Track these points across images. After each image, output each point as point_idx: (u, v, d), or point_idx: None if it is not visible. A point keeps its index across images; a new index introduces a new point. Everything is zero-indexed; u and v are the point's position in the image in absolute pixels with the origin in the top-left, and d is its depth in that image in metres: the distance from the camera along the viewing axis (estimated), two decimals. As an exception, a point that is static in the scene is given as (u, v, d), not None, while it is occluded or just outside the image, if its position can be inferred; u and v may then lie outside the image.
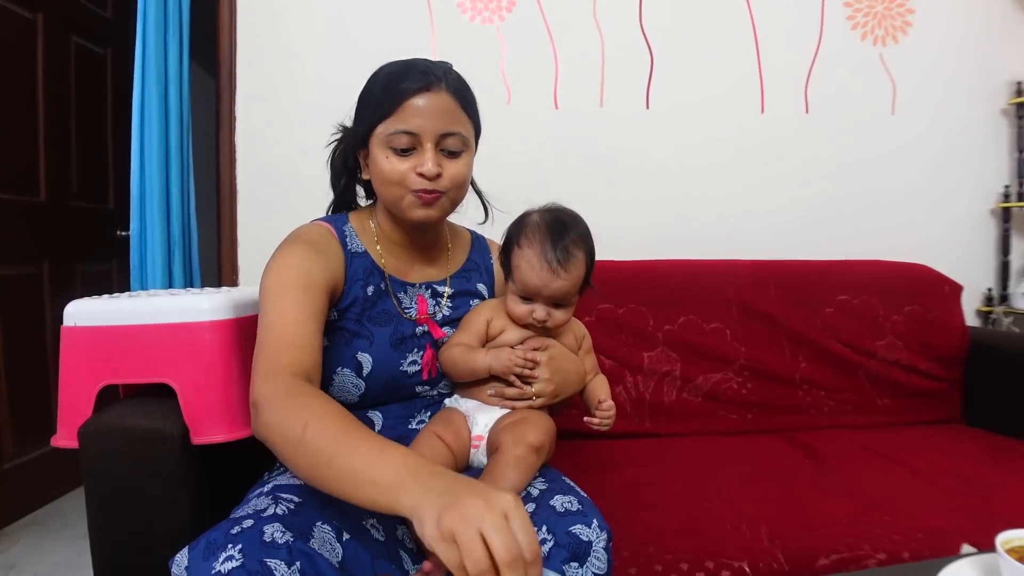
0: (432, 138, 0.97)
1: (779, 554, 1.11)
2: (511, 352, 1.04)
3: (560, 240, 1.04)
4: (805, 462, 1.50)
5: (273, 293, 0.93)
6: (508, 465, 0.94)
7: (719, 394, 1.77)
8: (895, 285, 1.93)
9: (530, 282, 1.04)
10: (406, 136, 0.97)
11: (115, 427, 1.02)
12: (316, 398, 0.80)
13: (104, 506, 1.03)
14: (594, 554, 0.85)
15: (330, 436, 0.74)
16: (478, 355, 1.05)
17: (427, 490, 0.64)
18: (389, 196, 1.01)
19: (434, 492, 0.64)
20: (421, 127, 0.96)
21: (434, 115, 0.97)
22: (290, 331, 0.89)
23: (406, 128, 0.96)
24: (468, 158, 1.03)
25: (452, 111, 0.99)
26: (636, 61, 2.11)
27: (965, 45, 2.25)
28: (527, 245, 1.05)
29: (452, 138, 0.99)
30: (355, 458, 0.71)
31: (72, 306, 1.09)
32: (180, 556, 0.75)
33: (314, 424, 0.75)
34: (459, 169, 1.01)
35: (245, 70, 1.99)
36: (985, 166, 2.30)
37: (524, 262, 1.05)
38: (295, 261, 0.96)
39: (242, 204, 1.99)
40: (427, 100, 0.97)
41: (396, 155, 0.98)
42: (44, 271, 2.34)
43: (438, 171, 0.97)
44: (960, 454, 1.56)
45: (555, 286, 1.04)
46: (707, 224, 2.16)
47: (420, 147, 0.97)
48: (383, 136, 0.98)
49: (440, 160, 0.98)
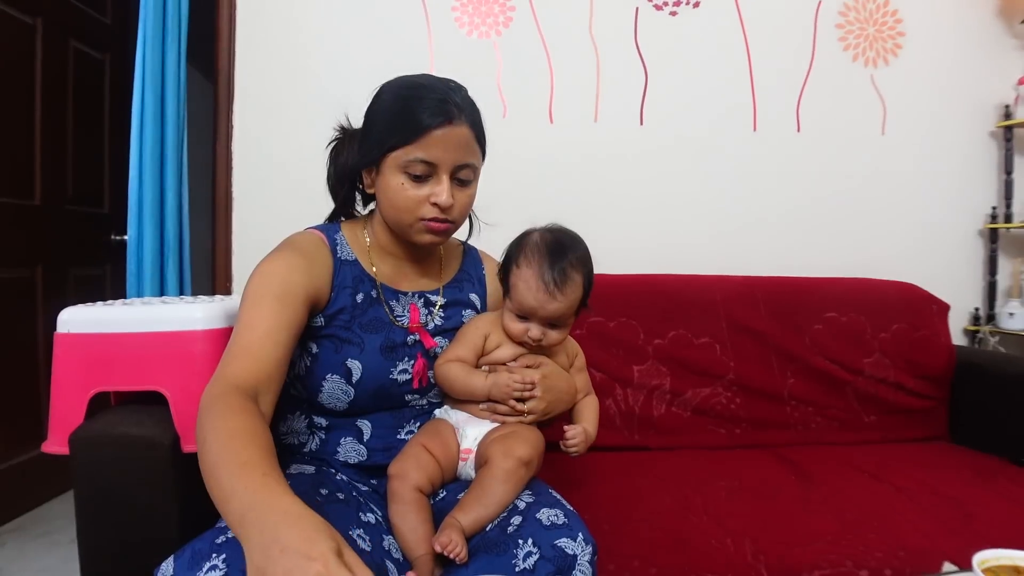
0: (448, 169, 1.00)
1: (763, 570, 1.12)
2: (509, 379, 1.04)
3: (558, 262, 1.04)
4: (791, 478, 1.51)
5: (250, 300, 0.94)
6: (496, 479, 0.95)
7: (708, 408, 1.78)
8: (883, 303, 1.95)
9: (526, 302, 1.05)
10: (424, 165, 0.99)
11: (106, 434, 1.03)
12: (231, 414, 0.78)
13: (94, 513, 1.04)
14: (579, 568, 0.86)
15: (214, 457, 0.72)
16: (477, 379, 1.05)
17: (252, 542, 0.63)
18: (398, 220, 1.03)
19: (258, 548, 0.62)
20: (440, 158, 0.99)
21: (453, 148, 0.99)
22: (252, 341, 0.89)
23: (426, 158, 0.98)
24: (475, 186, 1.06)
25: (469, 144, 1.02)
26: (631, 78, 2.13)
27: (955, 68, 2.29)
28: (525, 265, 1.06)
29: (466, 169, 1.02)
30: (217, 488, 0.70)
31: (66, 313, 1.09)
32: (166, 565, 0.76)
33: (209, 441, 0.74)
34: (467, 199, 1.04)
35: (243, 78, 2.00)
36: (973, 187, 2.33)
37: (522, 282, 1.05)
38: (277, 270, 0.97)
39: (238, 211, 2.00)
40: (447, 133, 0.99)
41: (411, 181, 1.00)
42: (37, 275, 2.34)
43: (452, 202, 1.00)
44: (944, 472, 1.57)
45: (551, 308, 1.04)
46: (698, 240, 2.17)
47: (435, 176, 1.00)
48: (400, 161, 0.99)
49: (452, 189, 1.01)
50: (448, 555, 0.87)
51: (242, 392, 0.82)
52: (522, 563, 0.84)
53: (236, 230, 2.00)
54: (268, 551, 0.60)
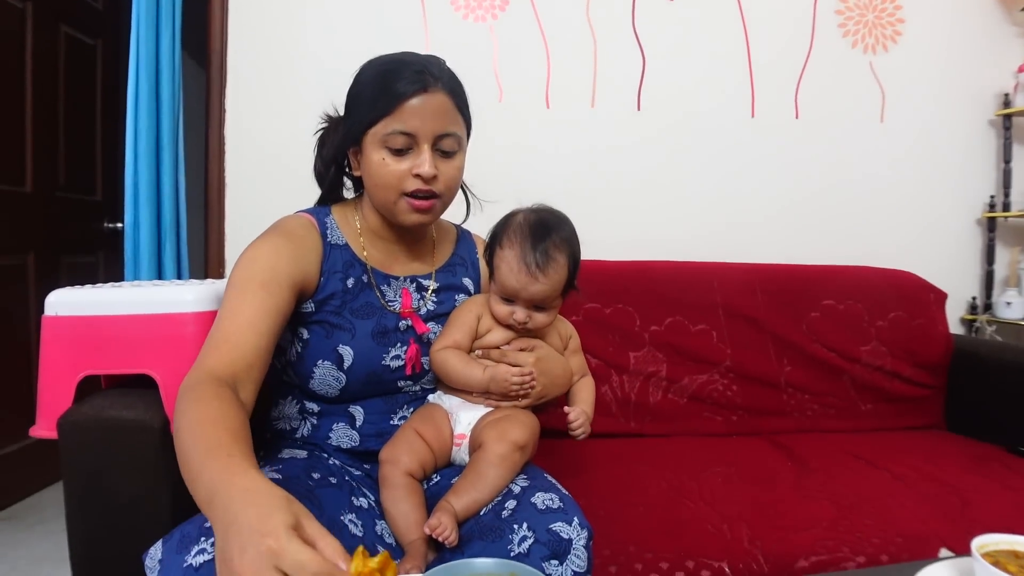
0: (429, 139, 0.97)
1: (759, 555, 1.11)
2: (508, 371, 1.03)
3: (541, 243, 1.03)
4: (787, 465, 1.51)
5: (234, 286, 0.93)
6: (491, 463, 0.94)
7: (704, 395, 1.78)
8: (880, 291, 1.95)
9: (509, 284, 1.03)
10: (403, 137, 0.96)
11: (95, 418, 1.01)
12: (203, 401, 0.77)
13: (82, 497, 1.03)
14: (574, 552, 0.85)
15: (183, 444, 0.72)
16: (475, 371, 1.04)
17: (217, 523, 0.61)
18: (382, 198, 1.00)
19: (221, 528, 0.61)
20: (418, 128, 0.96)
21: (432, 116, 0.97)
22: (232, 330, 0.87)
23: (403, 129, 0.96)
24: (461, 158, 1.03)
25: (448, 111, 0.99)
26: (628, 62, 2.11)
27: (954, 56, 2.27)
28: (508, 246, 1.04)
29: (448, 139, 0.99)
30: (187, 474, 0.69)
31: (54, 295, 1.08)
32: (154, 549, 0.75)
33: (181, 429, 0.74)
34: (453, 171, 1.01)
35: (236, 63, 1.98)
36: (972, 176, 2.33)
37: (504, 263, 1.04)
38: (263, 255, 0.96)
39: (230, 196, 1.98)
40: (424, 101, 0.96)
41: (392, 155, 0.97)
42: (29, 262, 2.32)
43: (435, 172, 0.97)
44: (940, 459, 1.57)
45: (533, 289, 1.03)
46: (695, 226, 2.16)
47: (416, 148, 0.97)
48: (379, 136, 0.97)
49: (436, 161, 0.98)
50: (437, 538, 0.86)
51: (219, 381, 0.80)
52: (517, 547, 0.83)
53: (229, 215, 1.98)
54: (227, 531, 0.59)
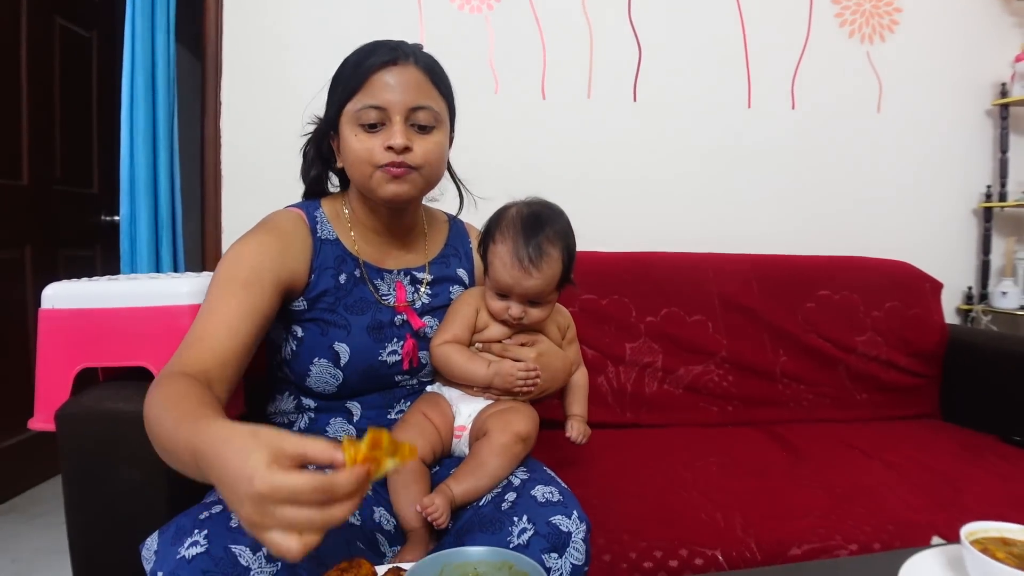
0: (401, 111, 0.95)
1: (752, 543, 1.12)
2: (513, 367, 1.02)
3: (534, 237, 1.01)
4: (782, 454, 1.52)
5: (216, 284, 0.92)
6: (494, 452, 0.95)
7: (700, 386, 1.79)
8: (876, 282, 1.95)
9: (502, 280, 1.02)
10: (375, 111, 0.94)
11: (92, 410, 1.02)
12: (172, 384, 0.76)
13: (80, 489, 1.03)
14: (573, 545, 0.85)
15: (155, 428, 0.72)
16: (478, 367, 1.03)
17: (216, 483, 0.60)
18: (359, 175, 0.98)
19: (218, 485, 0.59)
20: (389, 101, 0.94)
21: (402, 89, 0.95)
22: (208, 330, 0.87)
23: (374, 103, 0.94)
24: (440, 136, 1.00)
25: (422, 85, 0.97)
26: (624, 54, 2.11)
27: (951, 45, 2.27)
28: (501, 241, 1.03)
29: (422, 112, 0.96)
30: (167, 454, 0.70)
31: (51, 288, 1.08)
32: (150, 540, 0.76)
33: (150, 417, 0.73)
34: (431, 146, 0.97)
35: (231, 55, 1.97)
36: (969, 166, 2.33)
37: (497, 259, 1.03)
38: (248, 253, 0.95)
39: (226, 189, 1.98)
40: (395, 74, 0.95)
41: (365, 131, 0.95)
42: (26, 256, 2.32)
43: (406, 143, 0.94)
44: (935, 449, 1.59)
45: (527, 285, 1.01)
46: (691, 217, 2.16)
47: (389, 122, 0.95)
48: (352, 113, 0.96)
49: (410, 135, 0.95)
50: (427, 518, 0.86)
51: (190, 376, 0.79)
52: (516, 539, 0.84)
53: (225, 207, 1.98)
54: (221, 487, 0.58)
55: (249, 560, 0.71)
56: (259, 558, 0.71)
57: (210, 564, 0.69)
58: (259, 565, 0.71)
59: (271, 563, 0.72)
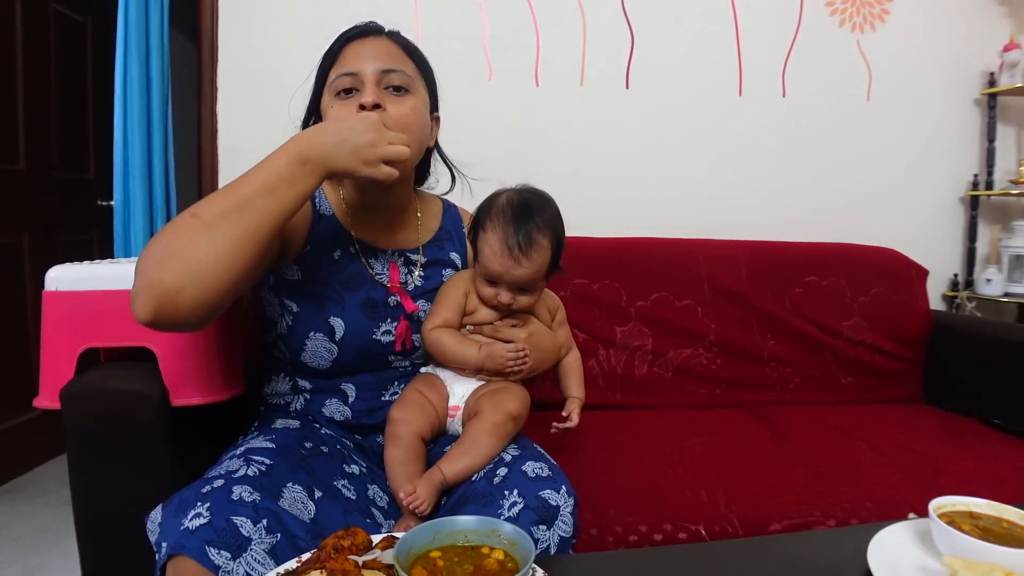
0: (372, 76, 0.98)
1: (734, 519, 1.16)
2: (504, 349, 1.05)
3: (523, 225, 1.03)
4: (767, 435, 1.56)
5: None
6: (485, 431, 0.98)
7: (689, 369, 1.82)
8: (863, 268, 1.99)
9: (492, 268, 1.04)
10: (347, 77, 0.99)
11: (96, 388, 1.04)
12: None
13: (85, 465, 1.06)
14: (561, 518, 0.89)
15: (220, 194, 0.81)
16: (469, 350, 1.05)
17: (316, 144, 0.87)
18: None
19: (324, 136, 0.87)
20: (360, 67, 0.98)
21: (373, 55, 0.99)
22: None
23: (346, 70, 0.99)
24: (415, 101, 1.01)
25: (392, 52, 1.02)
26: (617, 41, 2.12)
27: (941, 35, 2.29)
28: (491, 229, 1.04)
29: (394, 74, 0.99)
30: (249, 183, 0.82)
31: (54, 271, 1.10)
32: (155, 513, 0.79)
33: (199, 204, 0.80)
34: (406, 109, 0.99)
35: (227, 41, 1.98)
36: (956, 154, 2.36)
37: (487, 247, 1.04)
38: None
39: (223, 174, 2.00)
40: (365, 43, 1.01)
41: (340, 99, 0.99)
42: (24, 240, 2.34)
43: (377, 101, 0.96)
44: (916, 431, 1.63)
45: (516, 273, 1.03)
46: (682, 203, 2.19)
47: (362, 87, 0.99)
48: (329, 85, 1.01)
49: (383, 96, 0.98)
50: (408, 506, 0.90)
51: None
52: (507, 512, 0.87)
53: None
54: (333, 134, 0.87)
55: (250, 531, 0.74)
56: (259, 529, 0.74)
57: (212, 534, 0.72)
58: (259, 536, 0.74)
59: (271, 534, 0.75)
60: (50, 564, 1.76)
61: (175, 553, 0.72)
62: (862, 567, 0.75)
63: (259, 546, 0.74)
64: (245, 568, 0.72)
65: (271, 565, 0.74)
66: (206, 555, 0.71)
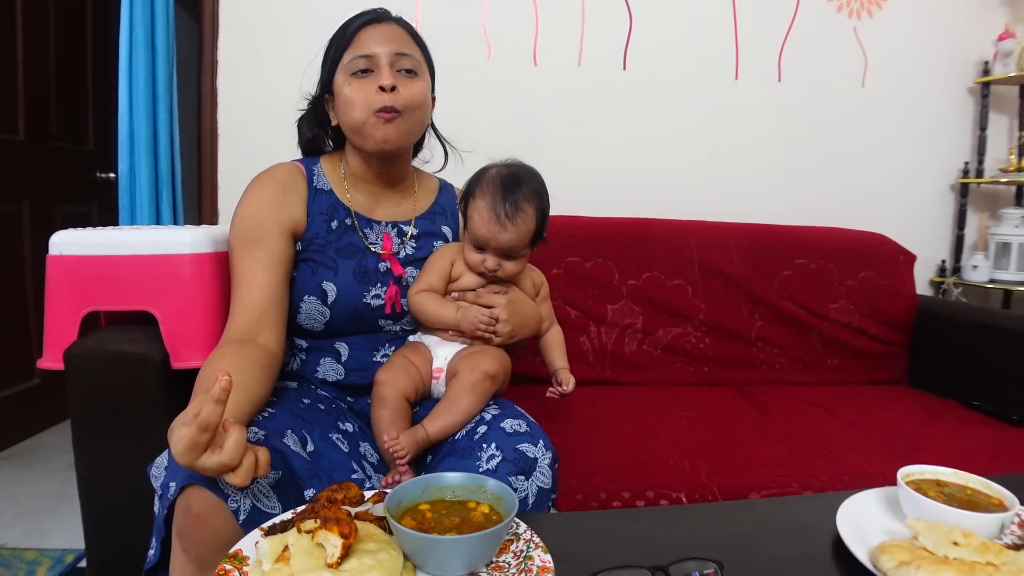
0: (387, 57, 1.06)
1: (715, 487, 1.21)
2: (478, 312, 1.10)
3: (511, 194, 1.09)
4: (751, 411, 1.60)
5: (234, 251, 1.06)
6: (464, 390, 1.03)
7: (678, 347, 1.86)
8: (851, 252, 2.02)
9: (480, 233, 1.10)
10: (364, 59, 1.06)
11: (99, 350, 1.08)
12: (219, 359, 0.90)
13: (87, 426, 1.10)
14: (539, 470, 0.94)
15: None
16: (447, 310, 1.11)
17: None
18: (354, 120, 1.07)
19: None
20: (375, 50, 1.06)
21: (385, 39, 1.07)
22: (242, 296, 1.02)
23: (363, 52, 1.06)
24: (422, 83, 1.10)
25: (402, 37, 1.09)
26: (615, 23, 2.14)
27: (936, 23, 2.31)
28: (480, 197, 1.11)
29: (406, 58, 1.08)
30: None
31: (58, 236, 1.14)
32: (160, 458, 0.83)
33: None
34: (415, 90, 1.08)
35: (227, 14, 1.99)
36: (948, 142, 2.39)
37: (476, 213, 1.11)
38: (247, 213, 1.07)
39: (223, 146, 2.02)
40: (377, 28, 1.08)
41: (357, 79, 1.06)
42: (24, 210, 2.35)
43: (394, 83, 1.04)
44: (898, 410, 1.66)
45: (503, 238, 1.10)
46: (675, 184, 2.22)
47: (377, 68, 1.06)
48: (344, 66, 1.07)
49: (397, 78, 1.06)
50: (390, 450, 0.95)
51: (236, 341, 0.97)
52: (485, 464, 0.92)
53: (222, 164, 2.02)
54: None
55: None
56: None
57: None
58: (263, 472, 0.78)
59: (274, 470, 0.81)
60: (50, 527, 1.80)
61: (187, 485, 0.75)
62: (831, 530, 0.79)
63: (264, 480, 0.79)
64: (252, 500, 0.77)
65: (274, 499, 0.78)
66: (217, 484, 0.75)
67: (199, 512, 0.74)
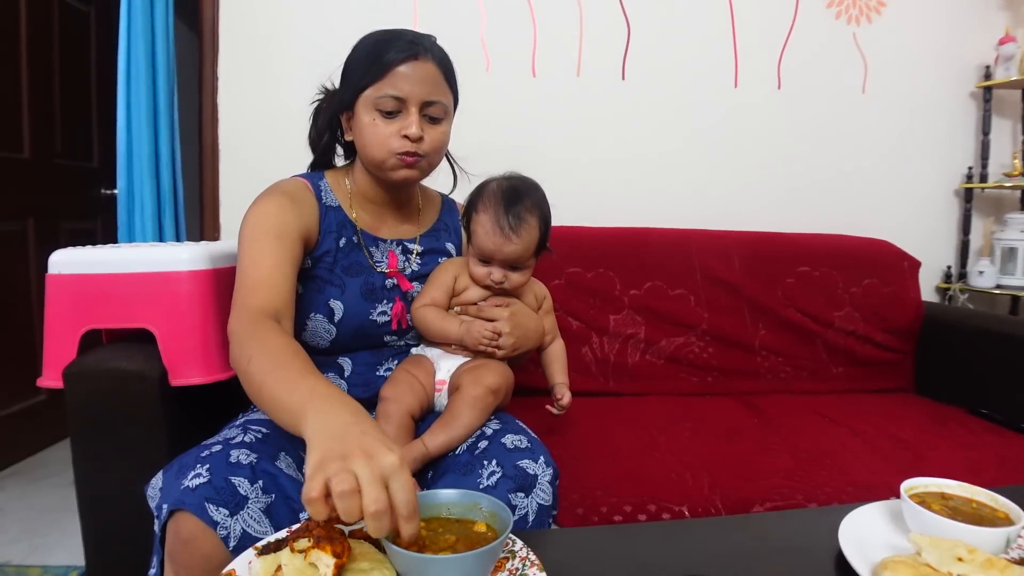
0: (417, 103, 1.03)
1: (717, 500, 1.19)
2: (482, 326, 1.10)
3: (513, 207, 1.10)
4: (754, 422, 1.59)
5: (249, 240, 1.00)
6: (466, 404, 1.03)
7: (681, 357, 1.85)
8: (855, 259, 2.00)
9: (485, 246, 1.11)
10: (393, 100, 1.02)
11: (98, 368, 1.08)
12: (269, 334, 0.85)
13: (87, 442, 1.10)
14: (539, 487, 0.93)
15: (266, 366, 0.79)
16: (451, 325, 1.11)
17: (324, 426, 0.66)
18: (373, 157, 1.06)
19: (328, 432, 0.65)
20: (408, 92, 1.02)
21: (420, 82, 1.03)
22: (261, 274, 0.96)
23: (394, 93, 1.02)
24: (447, 126, 1.10)
25: (436, 80, 1.05)
26: (614, 33, 2.14)
27: (937, 28, 2.31)
28: (483, 210, 1.12)
29: (435, 106, 1.05)
30: (277, 385, 0.76)
31: (57, 255, 1.14)
32: (155, 479, 0.83)
33: (257, 356, 0.81)
34: (439, 136, 1.07)
35: (228, 29, 2.00)
36: (951, 147, 2.37)
37: (480, 227, 1.11)
38: (271, 210, 1.03)
39: (224, 163, 2.03)
40: (414, 68, 1.03)
41: (383, 117, 1.03)
42: (29, 228, 2.37)
43: (421, 134, 1.03)
44: (904, 420, 1.65)
45: (508, 250, 1.10)
46: (676, 194, 2.21)
47: (405, 111, 1.03)
48: (371, 99, 1.03)
49: (423, 125, 1.04)
50: None
51: (268, 317, 0.90)
52: (486, 481, 0.91)
53: (223, 180, 2.03)
54: (345, 438, 0.63)
55: (247, 490, 0.79)
56: (256, 489, 0.79)
57: (212, 492, 0.76)
58: (256, 495, 0.79)
59: (267, 494, 0.80)
60: (54, 544, 1.80)
61: (176, 509, 0.75)
62: (834, 545, 0.78)
63: (255, 505, 0.79)
64: (242, 525, 0.76)
65: (267, 523, 0.78)
66: (205, 511, 0.75)
67: (188, 537, 0.74)
